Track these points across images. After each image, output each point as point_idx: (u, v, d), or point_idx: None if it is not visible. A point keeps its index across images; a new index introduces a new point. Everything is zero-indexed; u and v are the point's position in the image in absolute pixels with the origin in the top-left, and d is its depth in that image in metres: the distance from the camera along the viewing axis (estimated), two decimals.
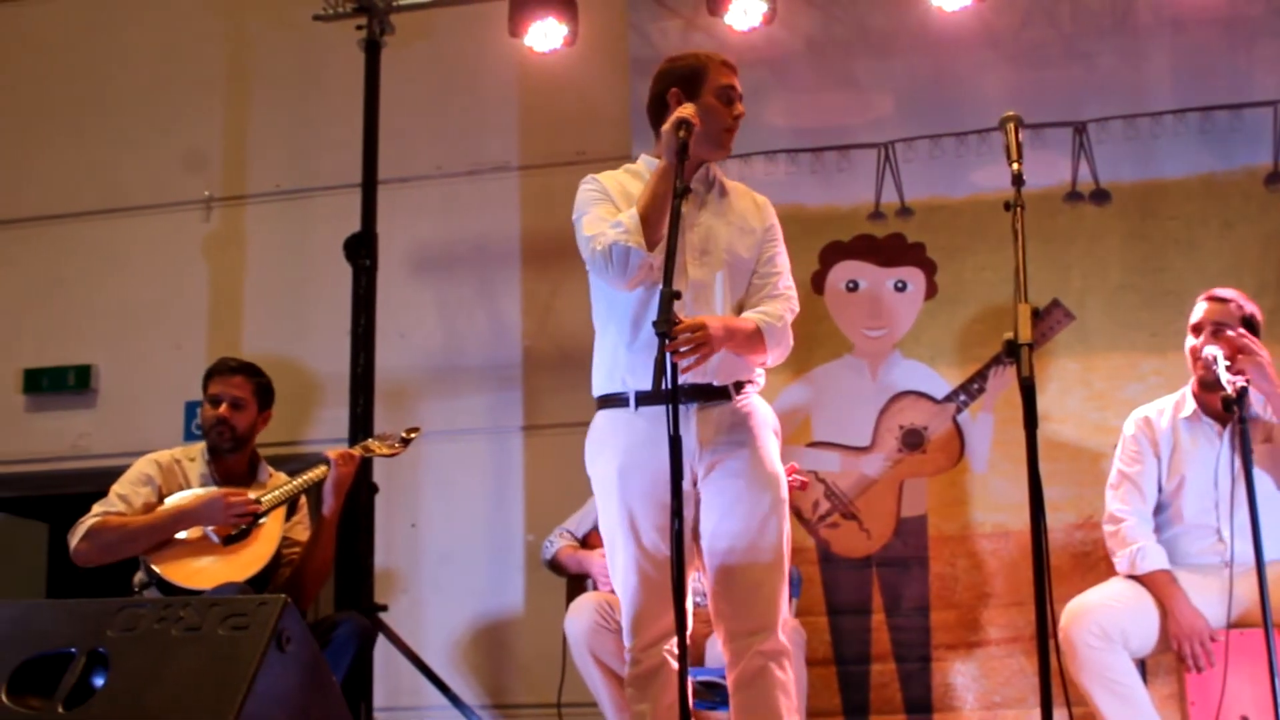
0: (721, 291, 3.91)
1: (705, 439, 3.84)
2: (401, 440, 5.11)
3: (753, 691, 3.79)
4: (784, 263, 4.07)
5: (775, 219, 4.12)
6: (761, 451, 3.88)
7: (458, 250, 7.04)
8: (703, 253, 3.93)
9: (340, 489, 4.86)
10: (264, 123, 7.44)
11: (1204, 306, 4.77)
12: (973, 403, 5.94)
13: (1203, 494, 4.70)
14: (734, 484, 3.83)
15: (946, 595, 5.82)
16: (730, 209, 4.03)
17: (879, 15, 6.38)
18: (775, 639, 3.80)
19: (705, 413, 3.86)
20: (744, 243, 3.99)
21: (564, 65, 6.52)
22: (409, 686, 6.25)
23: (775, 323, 3.89)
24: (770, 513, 3.84)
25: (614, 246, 3.76)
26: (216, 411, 4.96)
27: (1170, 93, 6.03)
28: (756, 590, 3.82)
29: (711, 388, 3.86)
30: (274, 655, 3.34)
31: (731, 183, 4.15)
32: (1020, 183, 3.62)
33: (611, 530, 3.92)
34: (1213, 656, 4.43)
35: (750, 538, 3.81)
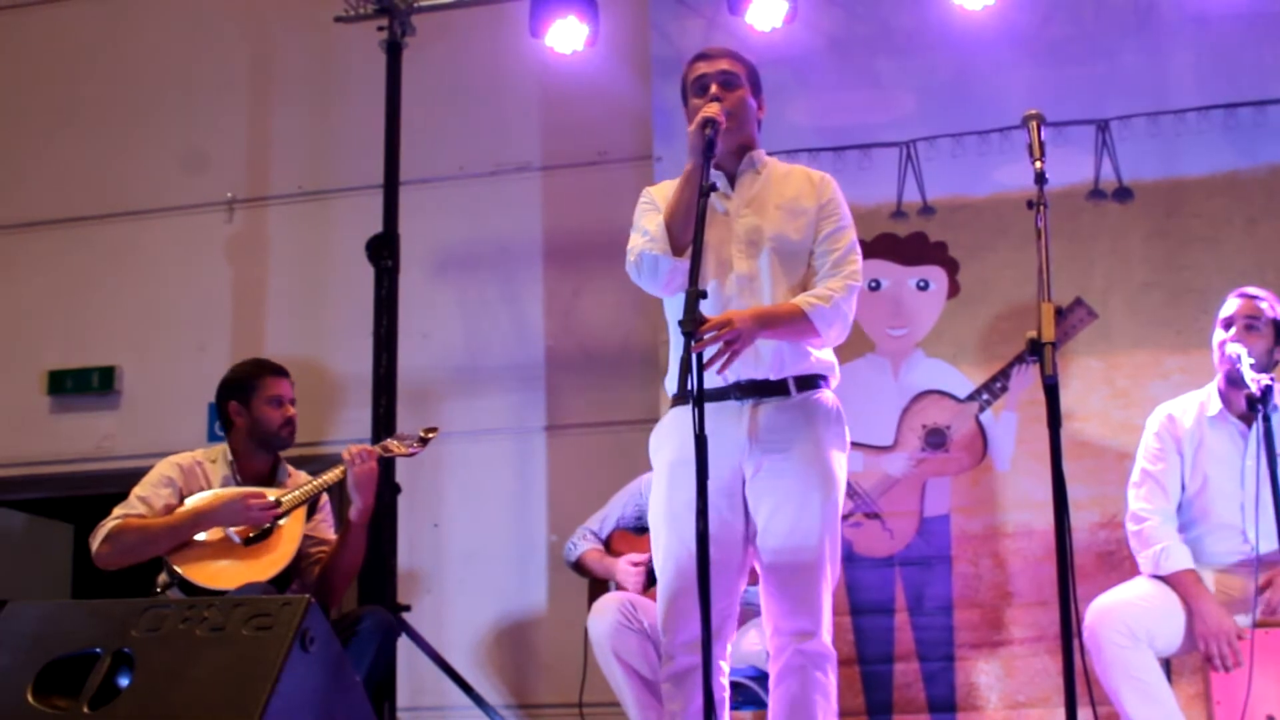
0: (770, 281, 3.89)
1: (757, 436, 3.83)
2: (420, 440, 5.10)
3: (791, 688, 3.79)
4: (846, 238, 3.99)
5: (835, 193, 4.04)
6: (815, 450, 3.84)
7: (480, 251, 7.05)
8: (749, 244, 3.92)
9: (363, 487, 4.85)
10: (286, 124, 7.46)
11: (1236, 302, 4.75)
12: (995, 401, 5.93)
13: (1228, 494, 4.68)
14: (782, 483, 3.82)
15: (970, 594, 5.81)
16: (778, 193, 4.01)
17: (901, 14, 6.37)
18: (818, 642, 3.80)
19: (760, 409, 3.85)
20: (794, 225, 3.95)
21: (585, 65, 6.52)
22: (432, 686, 6.26)
23: (821, 303, 3.82)
24: (819, 514, 3.81)
25: (643, 255, 3.84)
26: (284, 411, 5.00)
27: (1193, 89, 6.00)
28: (801, 592, 3.80)
29: (768, 383, 3.86)
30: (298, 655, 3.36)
31: (787, 166, 4.13)
32: (1043, 181, 3.62)
33: (657, 525, 3.93)
34: (1240, 656, 4.41)
35: (796, 538, 3.79)
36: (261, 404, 4.98)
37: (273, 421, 4.97)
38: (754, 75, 4.10)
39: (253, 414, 4.98)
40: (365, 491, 4.85)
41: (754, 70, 4.11)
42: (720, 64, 4.03)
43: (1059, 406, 3.26)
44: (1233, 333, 4.67)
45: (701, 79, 4.00)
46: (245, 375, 5.07)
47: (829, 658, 3.81)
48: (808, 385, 3.90)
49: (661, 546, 3.90)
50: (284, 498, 4.82)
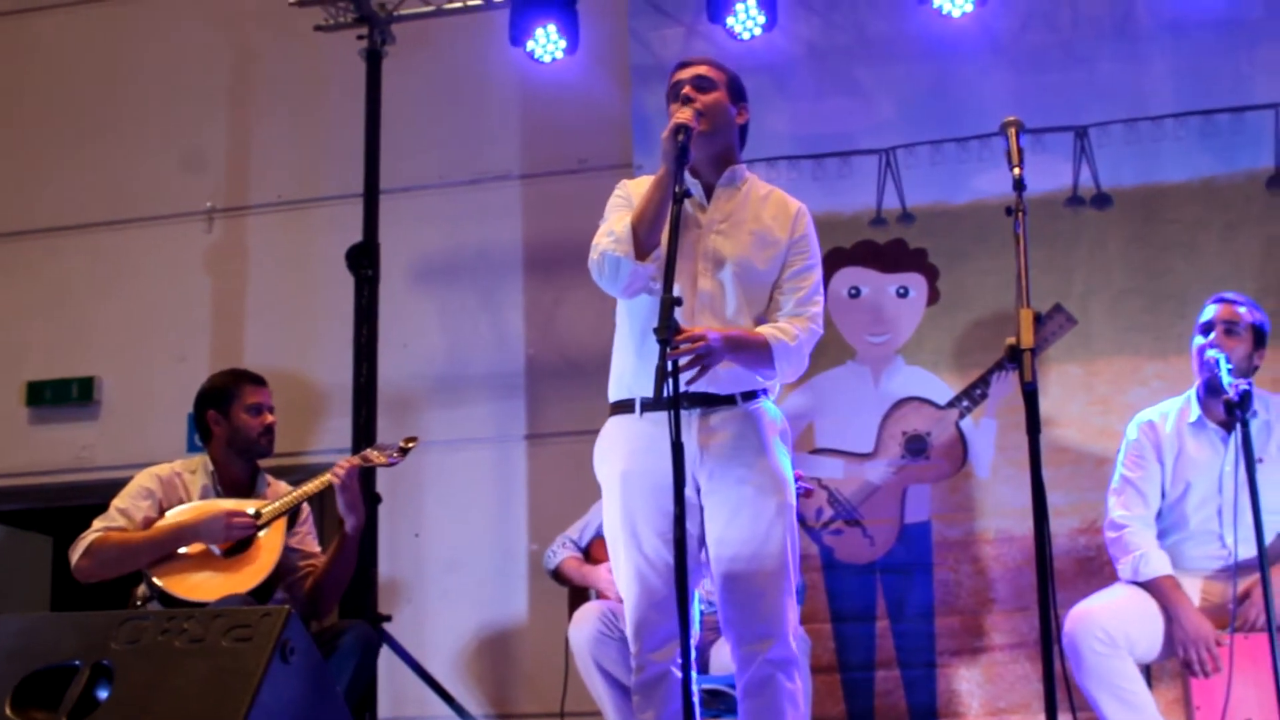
0: (732, 302, 3.87)
1: (707, 445, 3.81)
2: (400, 450, 5.09)
3: (760, 700, 3.77)
4: (813, 279, 3.96)
5: (808, 229, 4.01)
6: (766, 457, 3.84)
7: (460, 260, 7.04)
8: (714, 262, 3.89)
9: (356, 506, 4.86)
10: (266, 133, 7.45)
11: (1214, 308, 4.77)
12: (975, 408, 5.94)
13: (1207, 500, 4.70)
14: (737, 491, 3.80)
15: (950, 601, 5.82)
16: (753, 216, 3.98)
17: (880, 21, 6.38)
18: (783, 647, 3.78)
19: (708, 419, 3.83)
20: (762, 254, 3.92)
21: (565, 74, 6.53)
22: (413, 696, 6.24)
23: (788, 340, 3.81)
24: (775, 519, 3.79)
25: (605, 255, 3.79)
26: (263, 420, 4.99)
27: (1171, 96, 6.03)
28: (761, 598, 3.79)
29: (715, 397, 3.83)
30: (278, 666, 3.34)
31: (766, 187, 4.09)
32: (1021, 187, 3.62)
33: (614, 535, 3.91)
34: (1219, 661, 4.43)
35: (755, 545, 3.77)
36: (240, 412, 4.97)
37: (251, 430, 4.96)
38: (735, 84, 4.06)
39: (231, 423, 4.97)
40: (359, 509, 4.87)
41: (735, 79, 4.07)
42: (698, 69, 4.01)
43: (1038, 413, 3.27)
44: (1212, 338, 4.69)
45: (677, 85, 3.98)
46: (223, 384, 5.06)
47: (795, 662, 3.80)
48: (750, 396, 3.88)
49: (622, 557, 3.88)
50: (264, 509, 4.81)
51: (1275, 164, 5.84)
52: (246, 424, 4.96)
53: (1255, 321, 4.76)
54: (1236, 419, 4.26)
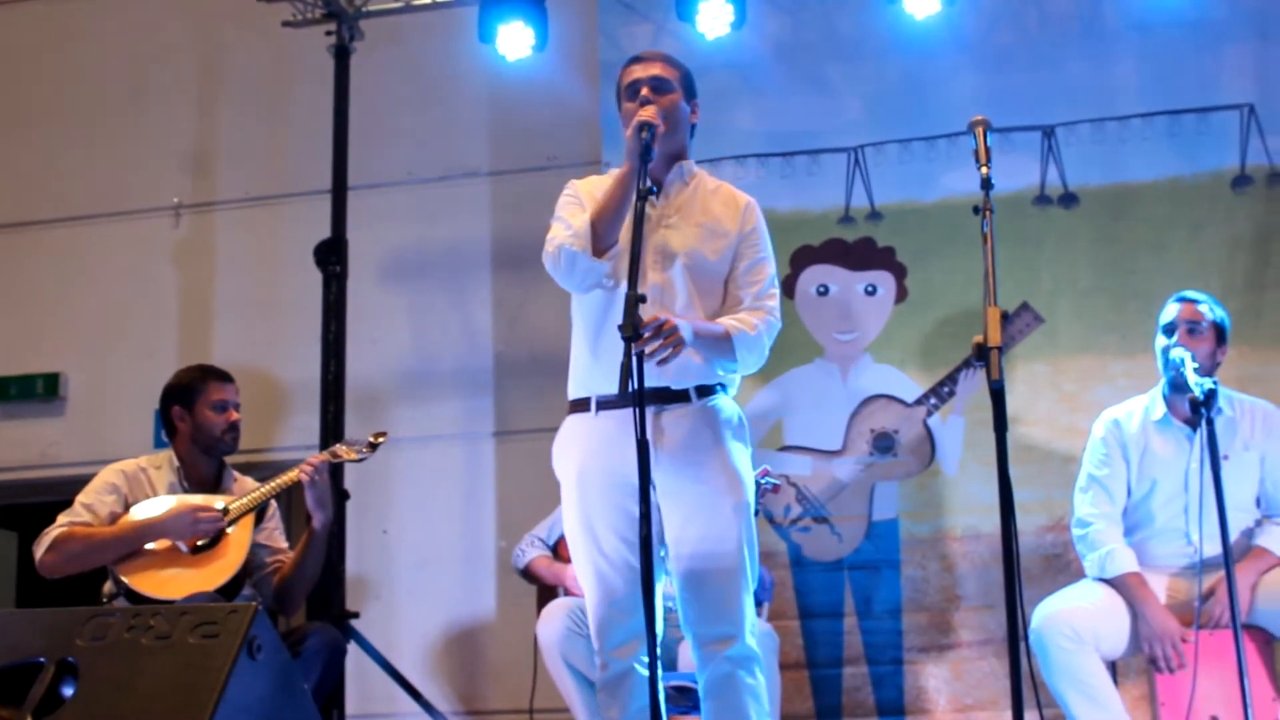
0: (684, 295, 3.87)
1: (662, 443, 3.79)
2: (369, 445, 5.07)
3: (721, 699, 3.78)
4: (767, 272, 3.98)
5: (759, 222, 4.03)
6: (721, 455, 3.83)
7: (429, 256, 7.03)
8: (663, 255, 3.89)
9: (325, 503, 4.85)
10: (234, 129, 7.42)
11: (1177, 307, 4.80)
12: (943, 406, 5.96)
13: (1172, 497, 4.73)
14: (694, 489, 3.80)
15: (918, 598, 5.84)
16: (702, 209, 3.99)
17: (848, 20, 6.40)
18: (742, 644, 3.78)
19: (663, 417, 3.82)
20: (711, 246, 3.93)
21: (534, 71, 6.52)
22: (382, 693, 6.23)
23: (748, 330, 3.82)
24: (732, 518, 3.79)
25: (563, 250, 3.81)
26: (229, 417, 4.96)
27: (1137, 96, 6.06)
28: (719, 597, 3.79)
29: (669, 391, 3.82)
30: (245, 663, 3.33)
31: (715, 182, 4.10)
32: (989, 186, 3.63)
33: (573, 535, 3.91)
34: (1184, 658, 4.46)
35: (711, 544, 3.77)
36: (204, 408, 4.94)
37: (215, 426, 4.93)
38: (688, 80, 4.06)
39: (195, 419, 4.94)
40: (326, 506, 4.86)
41: (688, 75, 4.07)
42: (653, 68, 4.00)
43: (1005, 410, 3.28)
44: (1175, 337, 4.72)
45: (634, 83, 3.97)
46: (188, 380, 5.02)
47: (756, 659, 3.80)
48: (708, 392, 3.88)
49: (582, 556, 3.88)
50: (232, 505, 4.79)
51: (1240, 164, 5.87)
52: (211, 420, 4.94)
53: (1217, 320, 4.80)
54: (1202, 417, 4.28)
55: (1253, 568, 4.55)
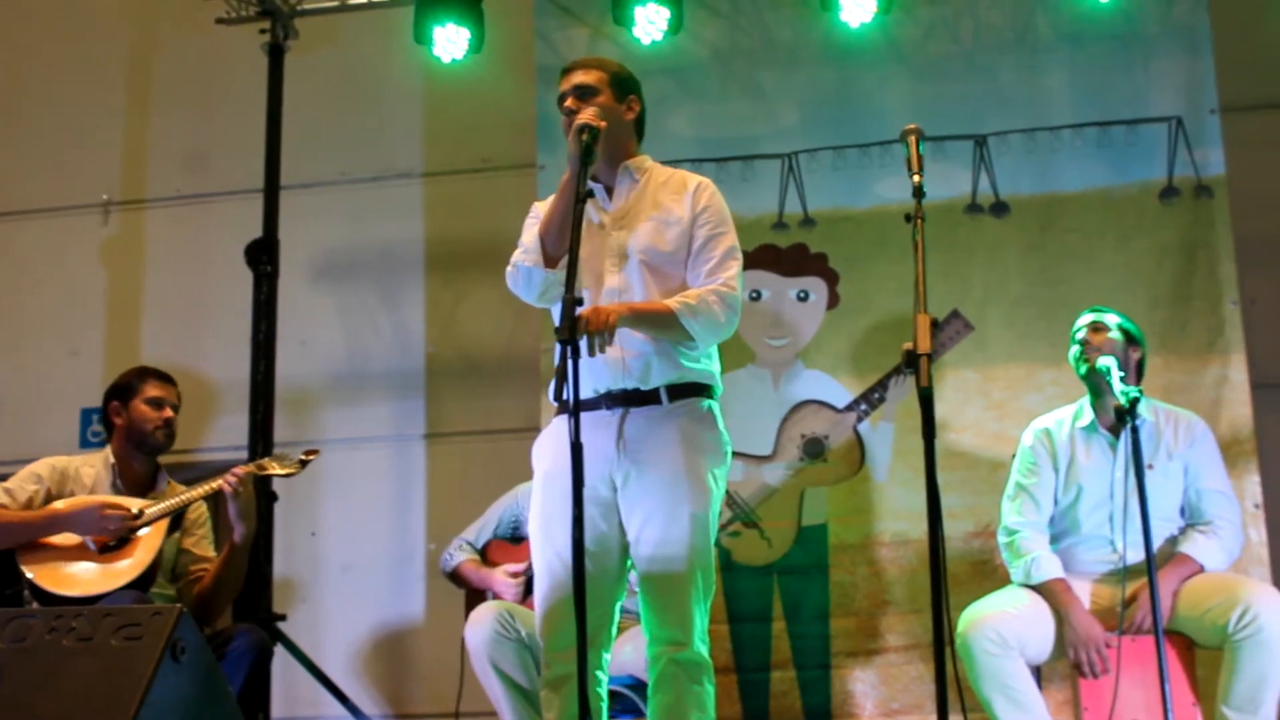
0: (641, 293, 3.87)
1: (625, 446, 3.81)
2: (300, 462, 5.08)
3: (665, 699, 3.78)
4: (722, 245, 3.92)
5: (712, 199, 3.98)
6: (686, 460, 3.82)
7: (361, 257, 7.00)
8: (620, 257, 3.91)
9: (247, 514, 4.85)
10: (165, 126, 7.35)
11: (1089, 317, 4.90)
12: (873, 412, 5.99)
13: (1098, 505, 4.77)
14: (652, 493, 3.80)
15: (846, 603, 5.86)
16: (652, 203, 3.98)
17: (784, 27, 6.42)
18: (692, 651, 3.79)
19: (630, 418, 3.84)
20: (664, 236, 3.92)
21: (470, 72, 6.50)
22: (308, 696, 6.19)
23: (689, 302, 3.78)
24: (688, 525, 3.79)
25: (518, 266, 3.86)
26: (163, 414, 4.98)
27: (1068, 107, 6.12)
28: (672, 600, 3.79)
29: (638, 392, 3.84)
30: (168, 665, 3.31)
31: (668, 171, 4.09)
32: (921, 195, 3.66)
33: (533, 533, 3.93)
34: (1107, 663, 4.50)
35: (668, 549, 3.78)
36: (140, 404, 4.97)
37: (149, 421, 4.95)
38: (619, 80, 4.03)
39: (130, 413, 4.97)
40: (247, 518, 4.86)
41: (618, 75, 4.04)
42: (575, 77, 4.00)
43: (934, 417, 3.30)
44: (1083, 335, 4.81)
45: (562, 95, 3.99)
46: (128, 378, 5.08)
47: (703, 667, 3.80)
48: (682, 394, 3.87)
49: (538, 554, 3.90)
50: (148, 509, 4.76)
51: (1168, 176, 5.94)
52: (145, 415, 4.96)
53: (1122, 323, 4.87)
54: (1126, 425, 4.33)
55: (1175, 575, 4.60)
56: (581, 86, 3.97)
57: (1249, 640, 4.32)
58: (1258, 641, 4.32)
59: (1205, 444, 4.85)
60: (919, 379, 3.28)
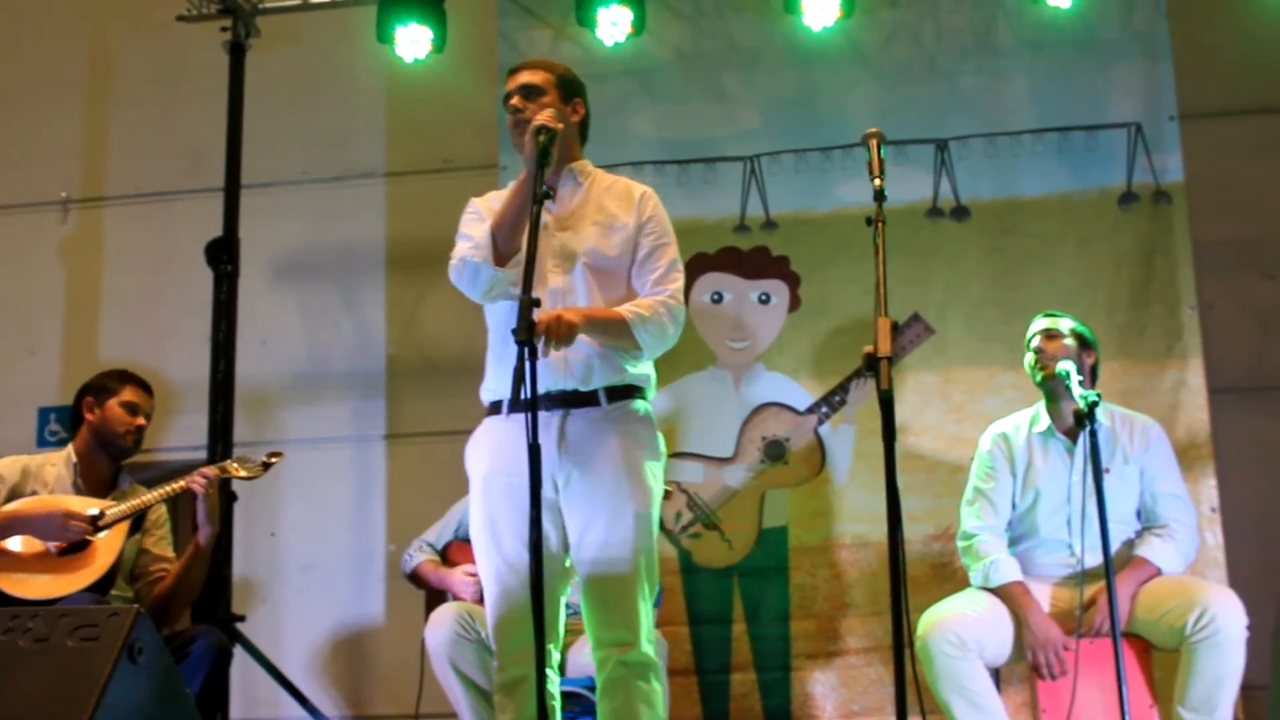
0: (585, 296, 3.88)
1: (567, 447, 3.81)
2: (262, 465, 5.07)
3: (615, 702, 3.78)
4: (667, 257, 3.97)
5: (656, 209, 4.02)
6: (626, 462, 3.84)
7: (322, 257, 6.98)
8: (563, 258, 3.91)
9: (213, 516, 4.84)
10: (125, 124, 7.30)
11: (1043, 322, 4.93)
12: (834, 414, 6.01)
13: (1056, 509, 4.80)
14: (594, 495, 3.81)
15: (806, 605, 5.88)
16: (596, 207, 4.00)
17: (747, 30, 6.43)
18: (640, 651, 3.79)
19: (570, 419, 3.84)
20: (609, 241, 3.94)
21: (432, 73, 6.49)
22: (267, 698, 6.16)
23: (642, 312, 3.82)
24: (632, 525, 3.80)
25: (465, 262, 3.83)
26: (135, 421, 4.99)
27: (1029, 113, 6.16)
28: (618, 602, 3.80)
29: (578, 393, 3.84)
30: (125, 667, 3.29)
31: (611, 178, 4.11)
32: (882, 198, 3.67)
33: (477, 536, 3.92)
34: (1065, 665, 4.53)
35: (612, 549, 3.78)
36: (115, 405, 4.99)
37: (120, 424, 4.96)
38: (565, 82, 4.06)
39: (104, 412, 4.97)
40: (215, 519, 4.85)
41: (565, 77, 4.07)
42: (522, 76, 4.02)
43: (894, 420, 3.31)
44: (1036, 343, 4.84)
45: (508, 95, 4.01)
46: (108, 379, 5.07)
47: (651, 666, 3.81)
48: (620, 395, 3.89)
49: (484, 559, 3.89)
50: (108, 510, 4.74)
51: (1127, 181, 5.98)
52: (117, 417, 4.97)
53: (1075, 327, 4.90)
54: (1084, 428, 4.35)
55: (1132, 578, 4.63)
56: (528, 86, 3.99)
57: (1205, 642, 4.36)
58: (1214, 644, 4.35)
59: (1160, 448, 4.89)
60: (879, 382, 3.29)
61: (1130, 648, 4.50)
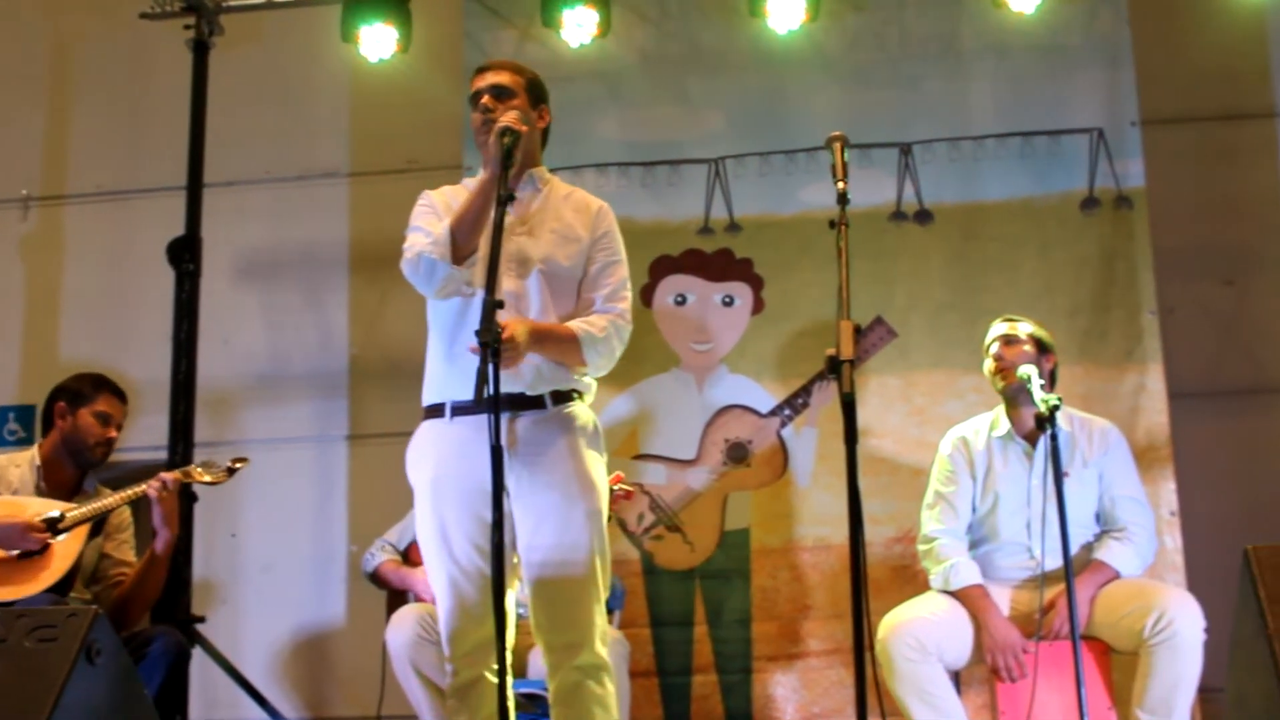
0: (538, 302, 3.88)
1: (515, 450, 3.80)
2: (226, 470, 5.04)
3: (569, 706, 3.78)
4: (619, 275, 4.00)
5: (611, 226, 4.05)
6: (575, 462, 3.84)
7: (285, 257, 6.95)
8: (519, 263, 3.90)
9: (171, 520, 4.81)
10: (87, 121, 7.26)
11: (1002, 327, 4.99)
12: (797, 417, 6.02)
13: (1015, 512, 4.83)
14: (546, 496, 3.81)
15: (768, 607, 5.88)
16: (554, 216, 4.01)
17: (712, 33, 6.44)
18: (592, 653, 3.79)
19: (517, 423, 3.83)
20: (564, 251, 3.95)
21: (397, 73, 6.48)
22: (227, 699, 6.14)
23: (596, 332, 3.84)
24: (583, 526, 3.80)
25: (422, 257, 3.81)
26: (108, 432, 4.98)
27: (992, 117, 6.19)
28: (570, 604, 3.80)
29: (524, 397, 3.83)
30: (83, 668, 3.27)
31: (568, 188, 4.12)
32: (845, 201, 3.69)
33: (426, 542, 3.90)
34: (1024, 668, 4.55)
35: (562, 552, 3.78)
36: (88, 414, 4.96)
37: (92, 434, 4.94)
38: (534, 87, 4.07)
39: (76, 420, 4.94)
40: (173, 524, 4.82)
41: (535, 82, 4.08)
42: (492, 76, 4.01)
43: (855, 423, 3.31)
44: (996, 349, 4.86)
45: (476, 93, 4.00)
46: (83, 384, 5.04)
47: (604, 667, 3.81)
48: (563, 399, 3.89)
49: (435, 565, 3.87)
50: (69, 513, 4.70)
51: (1089, 187, 6.02)
52: (89, 427, 4.95)
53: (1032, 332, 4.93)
54: (1044, 432, 4.37)
55: (1091, 581, 4.66)
56: (499, 87, 3.99)
57: (1164, 645, 4.39)
58: (1172, 646, 4.38)
59: (1119, 451, 4.93)
60: (842, 385, 3.29)
61: (1089, 650, 4.53)
